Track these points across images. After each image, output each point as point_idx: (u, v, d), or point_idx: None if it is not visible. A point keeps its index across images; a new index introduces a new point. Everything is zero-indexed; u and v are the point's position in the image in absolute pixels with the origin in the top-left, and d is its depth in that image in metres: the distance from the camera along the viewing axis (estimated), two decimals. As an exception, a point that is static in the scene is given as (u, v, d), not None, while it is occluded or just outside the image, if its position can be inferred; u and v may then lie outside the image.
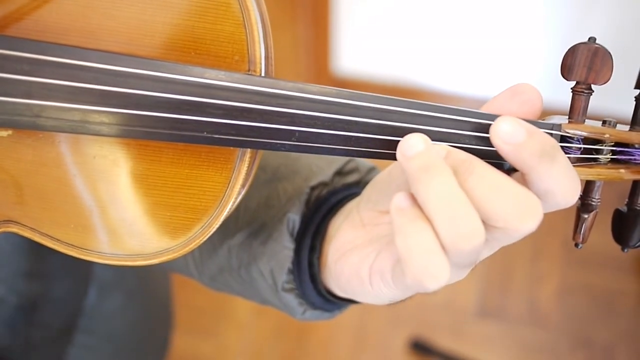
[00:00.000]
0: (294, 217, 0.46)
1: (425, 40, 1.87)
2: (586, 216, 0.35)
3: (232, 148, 0.36)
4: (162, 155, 0.37)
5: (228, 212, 0.37)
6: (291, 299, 0.46)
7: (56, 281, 0.60)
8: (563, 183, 0.31)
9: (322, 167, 0.49)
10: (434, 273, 0.29)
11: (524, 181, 0.32)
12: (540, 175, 0.30)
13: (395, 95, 0.34)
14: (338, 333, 1.62)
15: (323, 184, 0.48)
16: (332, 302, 0.46)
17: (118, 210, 0.38)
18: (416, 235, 0.30)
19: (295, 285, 0.46)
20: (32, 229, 0.39)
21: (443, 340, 1.59)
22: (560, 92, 0.34)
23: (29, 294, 0.57)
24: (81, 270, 0.63)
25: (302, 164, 0.50)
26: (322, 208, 0.46)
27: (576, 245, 0.36)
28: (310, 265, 0.45)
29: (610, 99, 1.15)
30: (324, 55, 1.95)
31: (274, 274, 0.47)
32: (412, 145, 0.31)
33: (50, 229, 0.39)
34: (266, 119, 0.33)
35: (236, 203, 0.38)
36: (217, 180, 0.37)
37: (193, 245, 0.38)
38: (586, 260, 1.71)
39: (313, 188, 0.47)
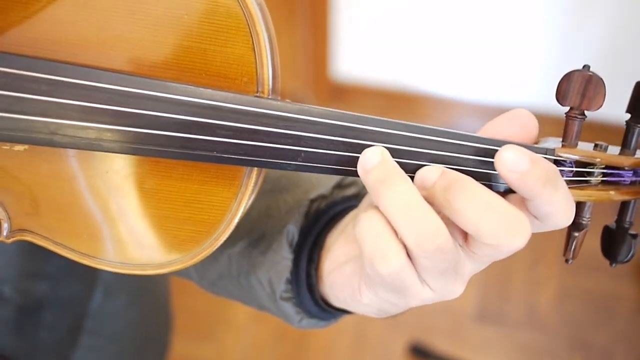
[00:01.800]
0: (294, 229, 0.47)
1: (424, 45, 1.88)
2: (577, 234, 0.37)
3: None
4: (172, 171, 0.38)
5: (235, 225, 0.39)
6: (289, 308, 0.47)
7: (62, 282, 0.61)
8: (563, 206, 0.32)
9: (322, 180, 0.50)
10: (383, 254, 0.32)
11: (523, 204, 0.33)
12: (543, 200, 0.32)
13: (394, 100, 0.35)
14: (338, 337, 1.63)
15: (322, 197, 0.49)
16: (328, 312, 0.47)
17: (129, 223, 0.40)
18: (367, 222, 0.32)
19: (293, 294, 0.47)
20: (46, 238, 0.40)
21: (442, 345, 1.60)
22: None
23: (34, 294, 0.58)
24: (87, 272, 0.64)
25: (303, 177, 0.51)
26: (321, 220, 0.48)
27: (566, 261, 0.38)
28: (308, 276, 0.46)
29: (608, 100, 1.16)
30: (323, 60, 1.96)
31: (273, 284, 0.48)
32: (369, 159, 0.33)
33: (63, 238, 0.40)
34: (273, 140, 0.35)
35: (243, 216, 0.39)
36: (225, 196, 0.38)
37: (201, 257, 0.40)
38: (584, 265, 1.71)
39: (312, 200, 0.48)
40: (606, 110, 0.39)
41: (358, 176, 0.35)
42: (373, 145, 0.35)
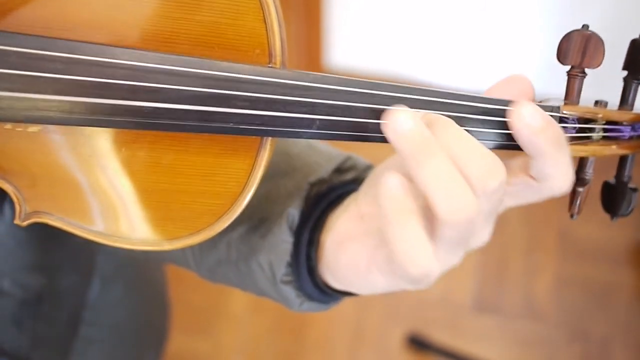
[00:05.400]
0: (294, 212, 0.47)
1: (418, 35, 1.87)
2: (581, 189, 0.38)
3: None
4: (189, 145, 0.39)
5: (251, 196, 0.40)
6: (289, 291, 0.48)
7: (61, 274, 0.61)
8: (564, 170, 0.34)
9: (321, 164, 0.51)
10: (418, 262, 0.32)
11: (525, 164, 0.35)
12: (548, 161, 0.33)
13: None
14: (335, 329, 1.63)
15: (322, 181, 0.49)
16: (328, 294, 0.48)
17: (146, 199, 0.40)
18: (404, 228, 0.32)
19: (293, 278, 0.47)
20: (61, 219, 0.41)
21: (440, 335, 1.60)
22: (555, 85, 0.37)
23: (34, 287, 0.57)
24: (85, 263, 0.64)
25: (302, 161, 0.52)
26: (322, 203, 0.48)
27: (571, 216, 0.39)
28: (308, 258, 0.47)
29: (605, 87, 1.18)
30: (316, 49, 1.94)
31: (273, 267, 0.48)
32: (401, 122, 0.32)
33: (79, 218, 0.41)
34: (289, 109, 0.36)
35: (258, 187, 0.40)
36: (240, 167, 0.39)
37: (217, 229, 0.41)
38: (582, 253, 1.71)
39: (312, 184, 0.49)
40: (601, 96, 0.41)
41: (373, 141, 0.36)
42: (387, 110, 0.35)
